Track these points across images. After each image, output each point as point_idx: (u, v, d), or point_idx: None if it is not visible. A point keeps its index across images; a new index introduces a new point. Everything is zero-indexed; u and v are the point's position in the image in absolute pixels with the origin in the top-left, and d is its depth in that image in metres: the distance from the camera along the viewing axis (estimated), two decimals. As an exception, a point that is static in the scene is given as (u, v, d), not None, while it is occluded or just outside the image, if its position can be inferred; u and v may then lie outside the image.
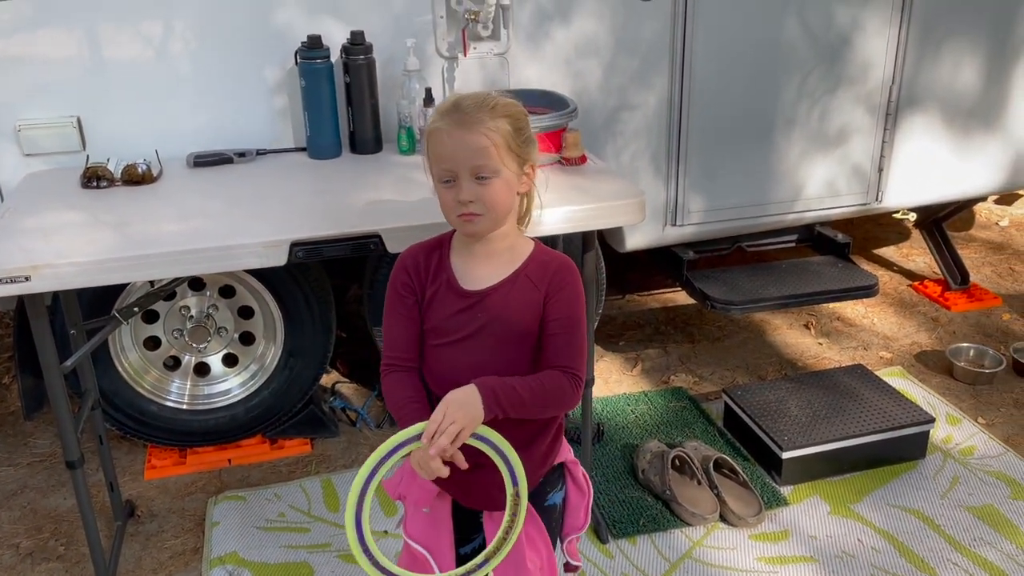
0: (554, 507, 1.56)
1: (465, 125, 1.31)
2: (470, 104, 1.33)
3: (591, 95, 2.60)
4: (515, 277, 1.40)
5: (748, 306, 2.81)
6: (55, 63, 2.20)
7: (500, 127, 1.32)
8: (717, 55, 2.64)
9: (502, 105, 1.34)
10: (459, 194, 1.33)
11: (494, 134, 1.32)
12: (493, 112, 1.32)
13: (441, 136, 1.33)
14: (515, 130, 1.34)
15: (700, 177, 2.77)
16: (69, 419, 1.89)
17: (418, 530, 1.53)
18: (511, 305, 1.39)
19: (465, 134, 1.31)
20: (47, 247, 1.75)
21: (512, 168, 1.35)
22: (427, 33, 2.41)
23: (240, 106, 2.36)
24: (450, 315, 1.41)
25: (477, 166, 1.32)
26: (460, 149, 1.32)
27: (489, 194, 1.33)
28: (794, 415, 2.55)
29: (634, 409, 2.84)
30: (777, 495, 2.41)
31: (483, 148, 1.31)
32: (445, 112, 1.34)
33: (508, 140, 1.33)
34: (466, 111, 1.32)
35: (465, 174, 1.33)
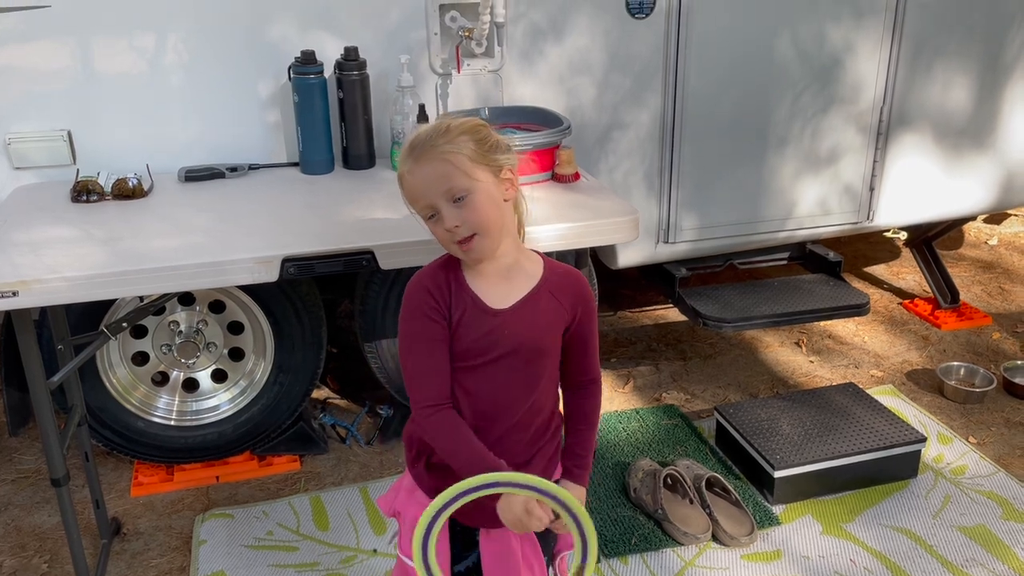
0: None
1: (424, 159, 1.32)
2: (423, 138, 1.34)
3: (584, 112, 2.60)
4: (537, 292, 1.41)
5: (740, 323, 2.81)
6: (46, 76, 2.19)
7: (458, 146, 1.32)
8: (710, 73, 2.65)
9: (456, 126, 1.34)
10: (445, 224, 1.33)
11: (453, 155, 1.32)
12: (447, 135, 1.33)
13: (407, 179, 1.35)
14: (476, 142, 1.34)
15: (692, 195, 2.77)
16: (55, 436, 1.86)
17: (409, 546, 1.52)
18: (539, 321, 1.41)
19: (424, 167, 1.32)
20: (36, 262, 1.73)
21: (486, 178, 1.34)
22: (421, 49, 2.41)
23: (233, 121, 2.35)
24: (480, 335, 1.39)
25: (447, 190, 1.32)
26: (425, 182, 1.32)
27: (471, 212, 1.33)
28: (786, 433, 2.54)
29: (626, 427, 2.83)
30: (769, 514, 2.40)
31: (445, 172, 1.31)
32: (405, 156, 1.35)
33: (471, 154, 1.32)
34: (421, 146, 1.33)
35: (442, 202, 1.33)
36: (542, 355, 1.43)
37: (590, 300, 1.47)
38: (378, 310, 2.55)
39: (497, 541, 1.49)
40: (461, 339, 1.39)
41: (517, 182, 1.41)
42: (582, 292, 1.45)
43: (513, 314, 1.39)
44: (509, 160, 1.38)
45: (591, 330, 1.48)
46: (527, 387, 1.43)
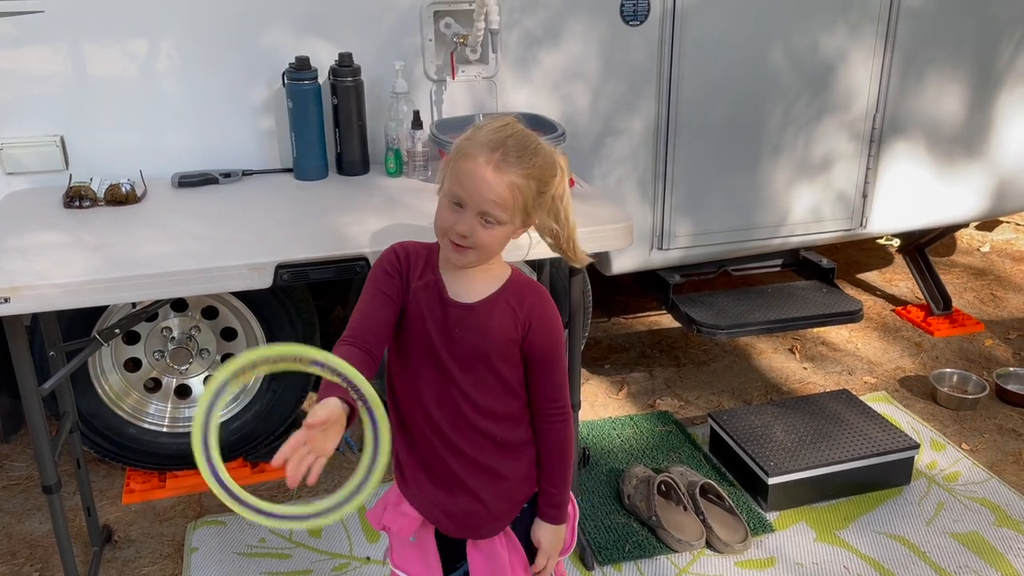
0: None
1: (500, 170, 1.29)
2: (513, 147, 1.30)
3: (578, 119, 2.60)
4: (496, 298, 1.39)
5: (734, 330, 2.81)
6: (38, 81, 2.18)
7: (526, 186, 1.30)
8: (703, 81, 2.66)
9: (540, 161, 1.31)
10: (458, 226, 1.31)
11: (519, 192, 1.30)
12: (530, 161, 1.30)
13: (471, 165, 1.29)
14: (539, 192, 1.33)
15: (686, 201, 2.78)
16: (47, 443, 1.85)
17: (405, 559, 1.52)
18: (489, 325, 1.38)
19: (495, 179, 1.29)
20: (27, 268, 1.72)
21: (516, 222, 1.34)
22: (415, 56, 2.41)
23: (226, 126, 2.34)
24: (430, 318, 1.37)
25: (488, 211, 1.30)
26: (479, 186, 1.29)
27: (486, 237, 1.32)
28: (780, 440, 2.54)
29: (620, 433, 2.82)
30: (763, 521, 2.40)
31: (498, 196, 1.29)
32: (487, 145, 1.30)
33: (527, 200, 1.32)
34: (507, 153, 1.29)
35: (473, 210, 1.31)
36: (484, 362, 1.38)
37: (548, 319, 1.41)
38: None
39: (484, 551, 1.48)
40: (415, 313, 1.38)
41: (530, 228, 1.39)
42: (540, 311, 1.40)
43: (466, 311, 1.38)
44: (542, 217, 1.37)
45: (550, 352, 1.42)
46: (466, 389, 1.39)
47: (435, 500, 1.46)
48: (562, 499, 1.48)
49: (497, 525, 1.48)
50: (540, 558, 1.48)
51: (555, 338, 1.42)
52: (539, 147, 1.33)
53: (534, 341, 1.40)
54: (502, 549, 1.48)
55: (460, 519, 1.47)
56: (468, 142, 1.32)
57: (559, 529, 1.49)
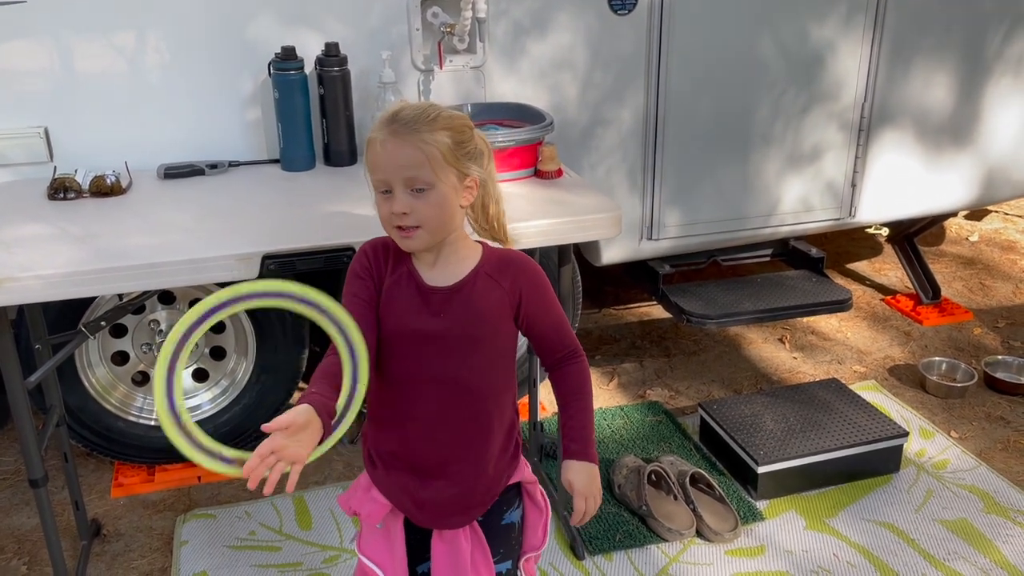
0: (512, 525, 1.53)
1: (400, 136, 1.29)
2: (409, 115, 1.30)
3: (567, 109, 2.60)
4: (474, 277, 1.37)
5: (723, 320, 2.81)
6: (22, 72, 2.16)
7: (437, 139, 1.29)
8: (692, 71, 2.65)
9: (443, 117, 1.31)
10: (393, 206, 1.30)
11: (429, 146, 1.28)
12: (432, 124, 1.29)
13: (376, 146, 1.31)
14: (455, 143, 1.31)
15: (676, 192, 2.77)
16: (33, 436, 1.84)
17: (371, 547, 1.50)
18: (476, 305, 1.37)
19: (399, 145, 1.28)
20: (11, 260, 1.71)
21: (449, 181, 1.31)
22: (403, 45, 2.40)
23: (212, 117, 2.33)
24: (412, 311, 1.36)
25: (410, 178, 1.29)
26: (393, 160, 1.29)
27: (423, 207, 1.30)
28: (769, 429, 2.55)
29: (610, 424, 2.82)
30: (753, 510, 2.40)
31: (417, 161, 1.28)
32: (383, 122, 1.31)
33: (445, 153, 1.29)
34: (403, 122, 1.29)
35: (399, 186, 1.29)
36: (476, 342, 1.37)
37: (535, 275, 1.41)
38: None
39: (448, 542, 1.47)
40: (391, 308, 1.37)
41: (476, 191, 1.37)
42: (523, 269, 1.40)
43: (451, 294, 1.36)
44: (479, 171, 1.36)
45: (548, 306, 1.42)
46: (458, 376, 1.38)
47: (406, 488, 1.45)
48: (587, 433, 1.45)
49: (466, 516, 1.47)
50: (577, 501, 1.43)
51: (549, 294, 1.42)
52: (438, 108, 1.32)
53: (531, 307, 1.39)
54: (466, 542, 1.46)
55: (430, 508, 1.45)
56: (369, 131, 1.34)
57: (590, 467, 1.43)
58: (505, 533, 1.51)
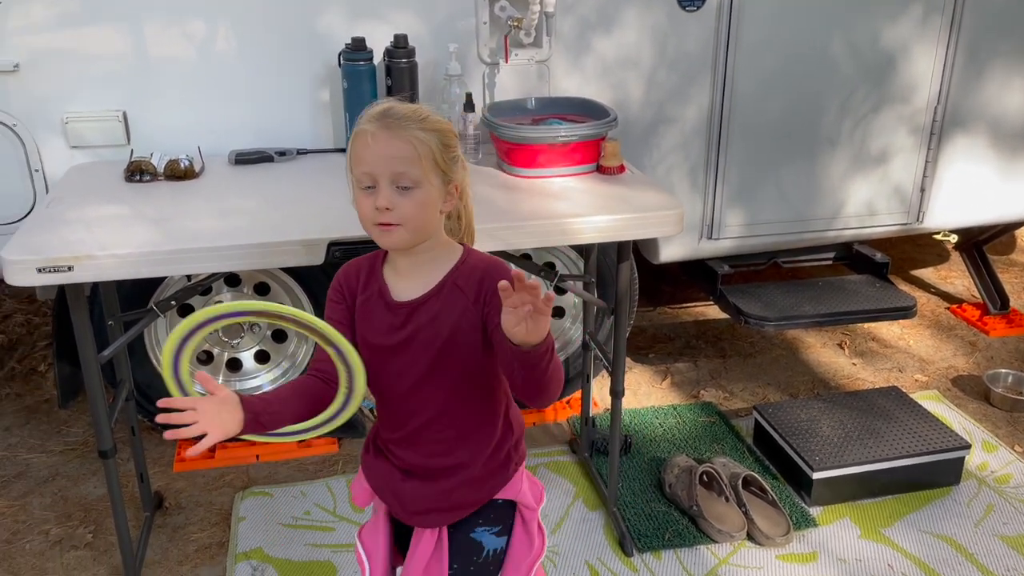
0: (479, 546, 1.45)
1: (392, 129, 1.27)
2: (401, 112, 1.30)
3: (630, 106, 2.59)
4: (441, 286, 1.35)
5: (782, 323, 2.77)
6: (102, 58, 2.24)
7: (428, 139, 1.29)
8: (760, 70, 2.62)
9: (433, 119, 1.32)
10: (377, 200, 1.28)
11: (421, 144, 1.28)
12: (423, 124, 1.29)
13: (366, 138, 1.28)
14: (443, 146, 1.31)
15: (738, 191, 2.74)
16: (104, 409, 1.91)
17: (365, 530, 1.53)
18: (441, 315, 1.33)
19: (391, 139, 1.27)
20: (90, 238, 1.77)
21: (435, 183, 1.30)
22: (470, 39, 2.42)
23: (282, 106, 2.38)
24: (381, 326, 1.36)
25: (399, 173, 1.27)
26: (384, 153, 1.27)
27: (408, 205, 1.28)
28: (826, 435, 2.51)
29: (662, 422, 2.81)
30: (806, 516, 2.37)
31: (408, 156, 1.27)
32: (374, 116, 1.30)
33: (435, 154, 1.29)
34: (396, 117, 1.29)
35: (385, 181, 1.28)
36: (443, 354, 1.33)
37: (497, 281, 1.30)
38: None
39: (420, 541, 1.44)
40: (363, 326, 1.37)
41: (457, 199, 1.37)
42: (487, 277, 1.33)
43: (414, 309, 1.34)
44: (461, 178, 1.36)
45: None
46: (434, 388, 1.36)
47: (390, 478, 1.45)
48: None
49: (446, 516, 1.44)
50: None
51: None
52: (428, 110, 1.32)
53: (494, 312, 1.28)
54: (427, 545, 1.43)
55: (411, 503, 1.43)
56: (356, 124, 1.32)
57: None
58: (467, 548, 1.45)
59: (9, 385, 3.01)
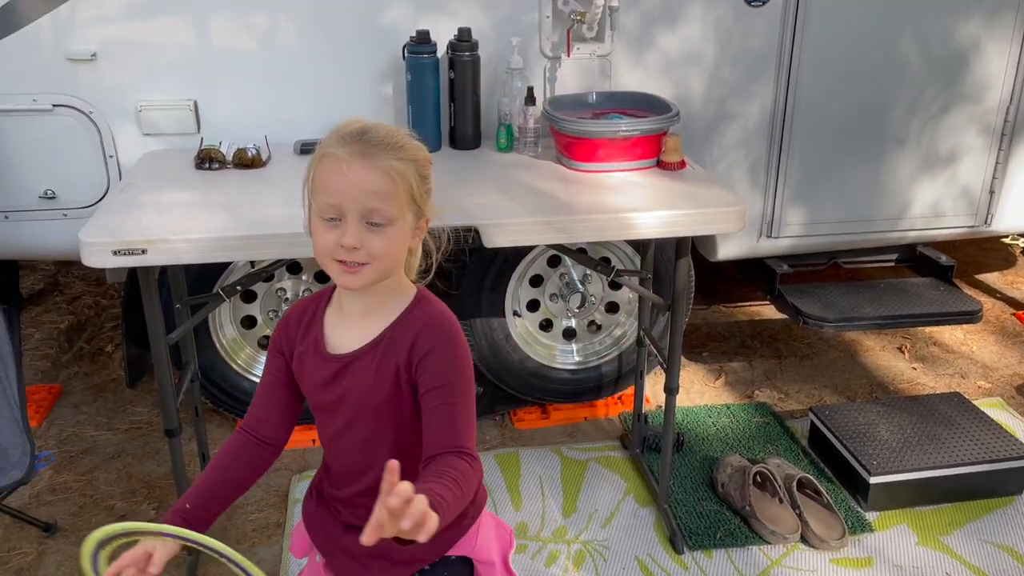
0: None
1: (367, 158, 1.13)
2: (379, 137, 1.15)
3: (692, 102, 2.57)
4: (379, 340, 1.21)
5: (842, 324, 2.73)
6: (174, 48, 2.29)
7: (406, 171, 1.15)
8: (825, 67, 2.57)
9: (412, 146, 1.18)
10: (343, 237, 1.13)
11: (400, 177, 1.14)
12: (401, 152, 1.16)
13: (338, 165, 1.13)
14: (420, 177, 1.18)
15: (799, 190, 2.71)
16: (171, 390, 1.97)
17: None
18: (378, 373, 1.21)
19: (367, 169, 1.12)
20: (162, 223, 1.83)
21: (408, 220, 1.18)
22: (532, 32, 2.43)
23: (347, 97, 2.42)
24: (315, 381, 1.26)
25: (372, 209, 1.13)
26: (358, 185, 1.12)
27: (379, 244, 1.15)
28: (884, 439, 2.47)
29: (715, 421, 2.79)
30: (862, 520, 2.33)
31: (385, 190, 1.13)
32: (344, 138, 1.15)
33: (412, 188, 1.16)
34: (373, 143, 1.14)
35: (355, 215, 1.13)
36: (374, 411, 1.21)
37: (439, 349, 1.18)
38: (474, 289, 2.59)
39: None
40: (300, 378, 1.28)
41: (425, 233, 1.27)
42: (427, 339, 1.18)
43: (348, 364, 1.22)
44: (431, 211, 1.24)
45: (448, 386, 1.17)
46: (366, 450, 1.24)
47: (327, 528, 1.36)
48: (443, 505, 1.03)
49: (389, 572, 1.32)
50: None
51: (450, 372, 1.18)
52: (404, 134, 1.19)
53: (423, 374, 1.18)
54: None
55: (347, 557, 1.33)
56: (323, 145, 1.17)
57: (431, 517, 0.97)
58: None
59: (78, 364, 3.12)
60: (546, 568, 2.19)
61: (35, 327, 3.35)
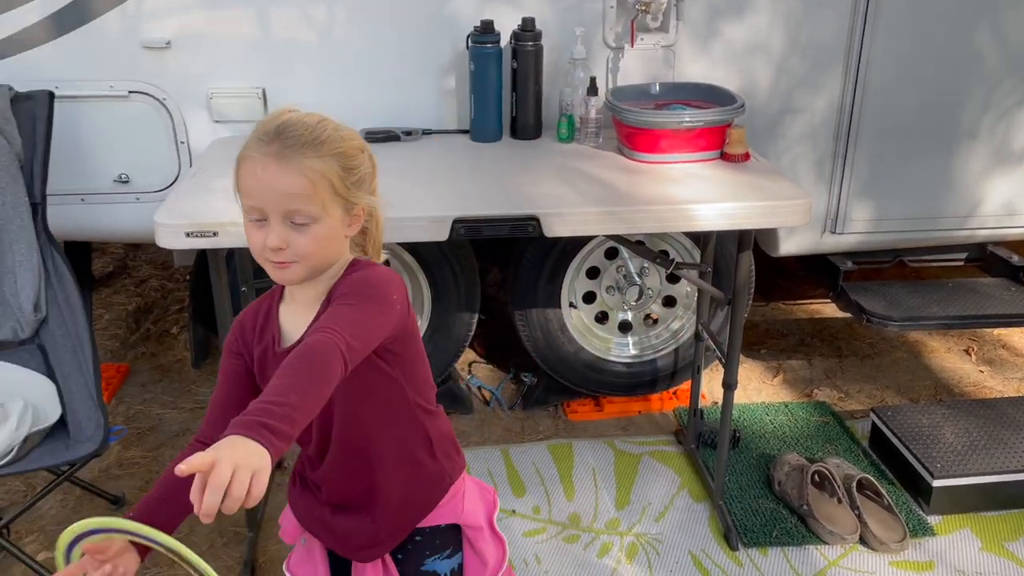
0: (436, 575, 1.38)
1: (283, 160, 1.10)
2: (296, 134, 1.12)
3: (757, 94, 2.53)
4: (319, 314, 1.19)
5: (907, 323, 2.67)
6: (243, 38, 2.34)
7: (327, 168, 1.12)
8: (896, 60, 2.51)
9: (333, 139, 1.14)
10: (268, 239, 1.13)
11: (318, 176, 1.11)
12: (320, 148, 1.12)
13: (253, 167, 1.12)
14: (344, 169, 1.14)
15: (866, 185, 2.65)
16: (236, 369, 2.02)
17: (295, 561, 1.44)
18: None
19: (282, 172, 1.10)
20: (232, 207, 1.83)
21: (335, 214, 1.15)
22: (596, 22, 2.42)
23: (410, 86, 2.44)
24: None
25: (292, 210, 1.12)
26: (273, 188, 1.11)
27: (303, 243, 1.13)
28: (949, 442, 2.40)
29: (772, 419, 2.76)
30: (924, 524, 2.28)
31: (302, 192, 1.11)
32: (263, 138, 1.13)
33: (334, 182, 1.13)
34: (289, 142, 1.11)
35: (276, 217, 1.12)
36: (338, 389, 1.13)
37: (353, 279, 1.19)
38: (531, 279, 2.60)
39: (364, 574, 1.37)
40: (263, 379, 1.24)
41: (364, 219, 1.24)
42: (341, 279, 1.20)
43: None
44: (368, 199, 1.20)
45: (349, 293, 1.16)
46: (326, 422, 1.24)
47: (314, 511, 1.37)
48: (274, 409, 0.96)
49: (374, 550, 1.34)
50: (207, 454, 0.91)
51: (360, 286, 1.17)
52: (327, 126, 1.15)
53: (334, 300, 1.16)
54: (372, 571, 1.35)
55: (342, 536, 1.35)
56: (244, 145, 1.15)
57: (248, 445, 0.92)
58: None
59: (144, 345, 3.22)
60: (598, 559, 2.19)
61: (104, 308, 3.46)
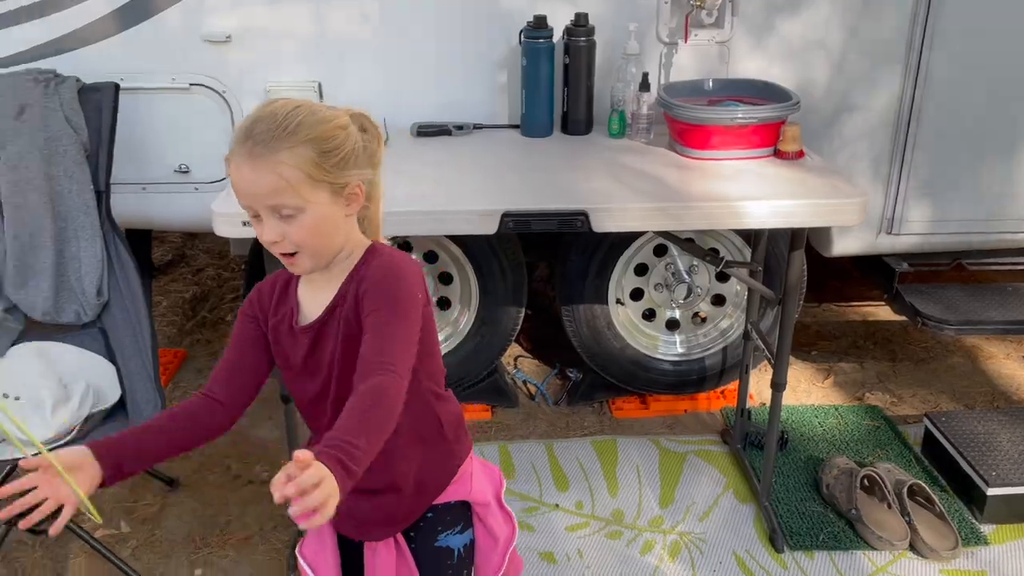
0: (448, 551, 1.41)
1: (254, 159, 1.12)
2: (263, 130, 1.12)
3: (812, 93, 2.49)
4: (335, 302, 1.23)
5: (964, 327, 2.60)
6: (300, 33, 2.38)
7: (298, 157, 1.12)
8: (959, 58, 2.45)
9: (305, 127, 1.13)
10: (263, 234, 1.17)
11: (290, 170, 1.12)
12: (290, 138, 1.12)
13: (233, 169, 1.15)
14: (321, 154, 1.14)
15: (925, 186, 2.59)
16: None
17: (309, 548, 1.45)
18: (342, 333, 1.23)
19: (254, 172, 1.12)
20: (286, 197, 1.91)
21: (322, 200, 1.16)
22: (650, 18, 2.41)
23: (462, 81, 2.46)
24: (291, 354, 1.28)
25: (275, 205, 1.14)
26: (251, 188, 1.13)
27: (297, 233, 1.16)
28: (1005, 450, 2.34)
29: (822, 422, 2.72)
30: (976, 532, 2.23)
31: (276, 188, 1.12)
32: (239, 138, 1.14)
33: (311, 171, 1.13)
34: (257, 138, 1.12)
35: (265, 212, 1.15)
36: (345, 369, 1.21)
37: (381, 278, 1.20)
38: (578, 274, 2.60)
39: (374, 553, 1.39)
40: (276, 350, 1.29)
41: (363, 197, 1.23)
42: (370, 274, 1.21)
43: (318, 330, 1.25)
44: (360, 175, 1.20)
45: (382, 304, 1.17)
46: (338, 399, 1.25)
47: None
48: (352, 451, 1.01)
49: (388, 528, 1.37)
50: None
51: (390, 295, 1.19)
52: (299, 114, 1.14)
53: (365, 303, 1.18)
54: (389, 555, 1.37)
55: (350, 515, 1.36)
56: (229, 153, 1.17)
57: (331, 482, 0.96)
58: (437, 557, 1.40)
59: (200, 331, 3.30)
60: (641, 556, 2.19)
61: (163, 295, 3.56)
